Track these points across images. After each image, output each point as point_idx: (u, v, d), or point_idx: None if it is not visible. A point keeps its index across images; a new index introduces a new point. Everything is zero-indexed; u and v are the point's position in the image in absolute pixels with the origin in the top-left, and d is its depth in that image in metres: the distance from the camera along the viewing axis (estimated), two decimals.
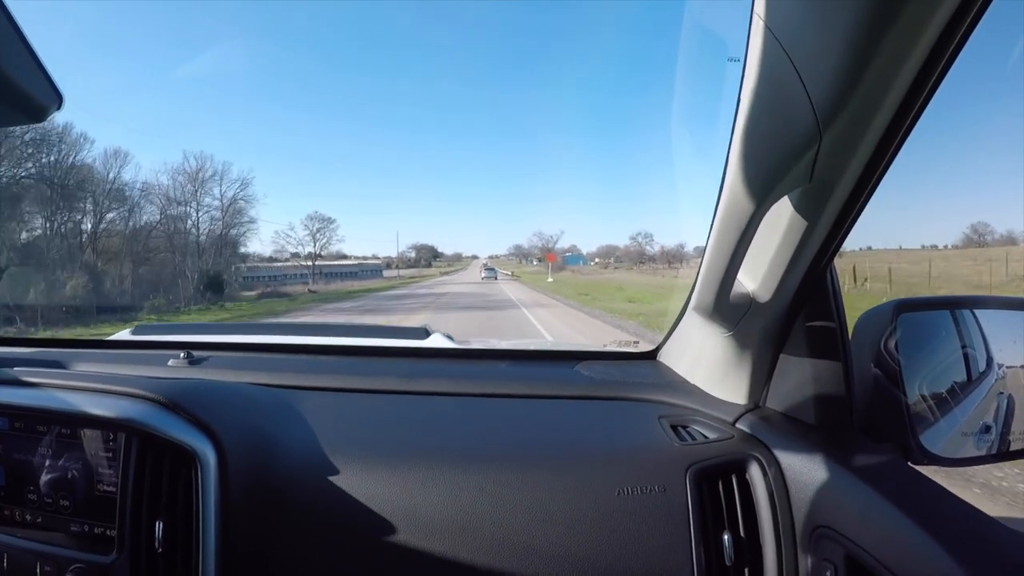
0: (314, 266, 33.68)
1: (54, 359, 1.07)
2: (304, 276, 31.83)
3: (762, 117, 0.50)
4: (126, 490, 0.70)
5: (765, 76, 0.48)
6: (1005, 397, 0.80)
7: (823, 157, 0.50)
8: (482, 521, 0.69)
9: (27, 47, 0.42)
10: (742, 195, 0.55)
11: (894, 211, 18.72)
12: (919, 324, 0.78)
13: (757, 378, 0.80)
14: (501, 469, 0.72)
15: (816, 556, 0.64)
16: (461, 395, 0.96)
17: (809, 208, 0.59)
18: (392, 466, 0.74)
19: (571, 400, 0.94)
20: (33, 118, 0.46)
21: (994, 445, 0.76)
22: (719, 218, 0.62)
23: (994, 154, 21.35)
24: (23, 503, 0.74)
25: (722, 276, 0.65)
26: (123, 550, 0.69)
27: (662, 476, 0.70)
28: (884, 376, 0.70)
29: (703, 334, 0.87)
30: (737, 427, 0.78)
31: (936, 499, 0.58)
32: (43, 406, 0.75)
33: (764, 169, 0.53)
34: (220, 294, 20.20)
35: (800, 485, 0.67)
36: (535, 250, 64.20)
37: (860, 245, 14.26)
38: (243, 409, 0.82)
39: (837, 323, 0.71)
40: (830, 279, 0.71)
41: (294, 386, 0.96)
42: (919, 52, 0.43)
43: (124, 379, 0.80)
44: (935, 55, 0.44)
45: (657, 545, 0.67)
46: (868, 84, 0.44)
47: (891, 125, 0.49)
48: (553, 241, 58.85)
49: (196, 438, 0.71)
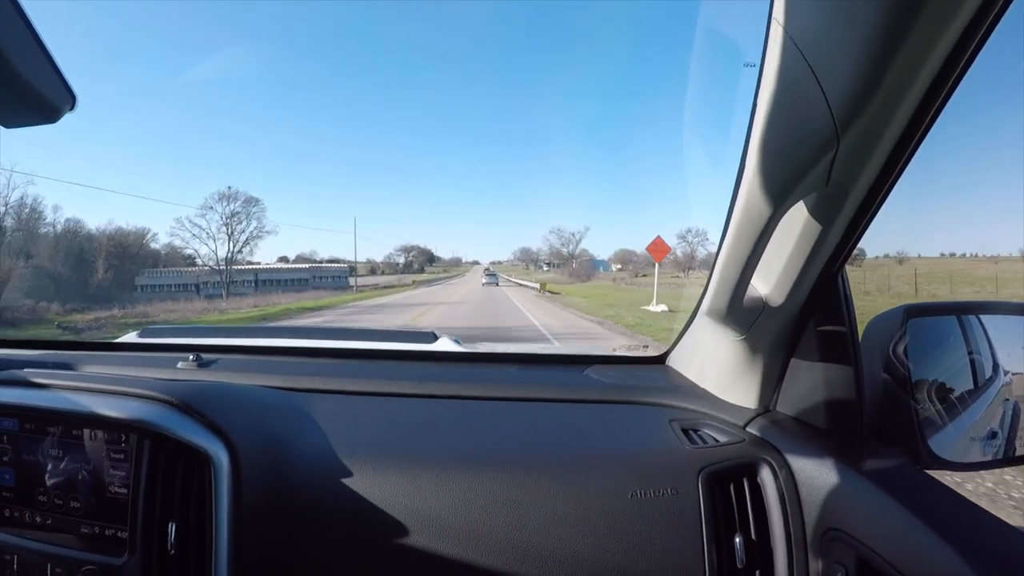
0: (227, 271, 24.64)
1: (62, 361, 1.07)
2: (218, 286, 23.17)
3: (780, 122, 0.51)
4: (138, 492, 0.70)
5: (783, 81, 0.48)
6: (1011, 403, 0.80)
7: (840, 162, 0.51)
8: (495, 524, 0.69)
9: (43, 48, 0.42)
10: (759, 200, 0.55)
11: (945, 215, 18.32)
12: (927, 329, 0.79)
13: (768, 382, 0.80)
14: (513, 472, 0.72)
15: (827, 559, 0.64)
16: (471, 398, 0.96)
17: (824, 212, 0.59)
18: (404, 469, 0.74)
19: (581, 404, 0.94)
20: (47, 118, 0.46)
21: (1000, 450, 0.77)
22: (735, 223, 0.62)
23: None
24: (33, 504, 0.74)
25: (736, 280, 0.66)
26: (135, 552, 0.68)
27: (674, 479, 0.70)
28: (893, 381, 0.71)
29: (714, 338, 0.88)
30: (748, 431, 0.78)
31: (947, 502, 0.59)
32: (53, 407, 0.75)
33: (781, 174, 0.53)
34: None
35: (811, 488, 0.67)
36: (543, 254, 55.38)
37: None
38: (255, 411, 0.82)
39: (848, 328, 0.71)
40: (841, 283, 0.71)
41: (304, 389, 0.96)
42: (936, 57, 0.43)
43: (135, 380, 0.80)
44: (952, 60, 0.44)
45: (669, 547, 0.67)
46: (886, 89, 0.44)
47: (907, 130, 0.50)
48: (575, 241, 50.09)
49: (209, 440, 0.70)
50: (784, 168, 0.53)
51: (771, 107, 0.50)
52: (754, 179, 0.55)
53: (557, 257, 52.54)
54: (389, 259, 68.37)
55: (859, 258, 14.26)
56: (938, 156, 11.78)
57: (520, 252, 72.80)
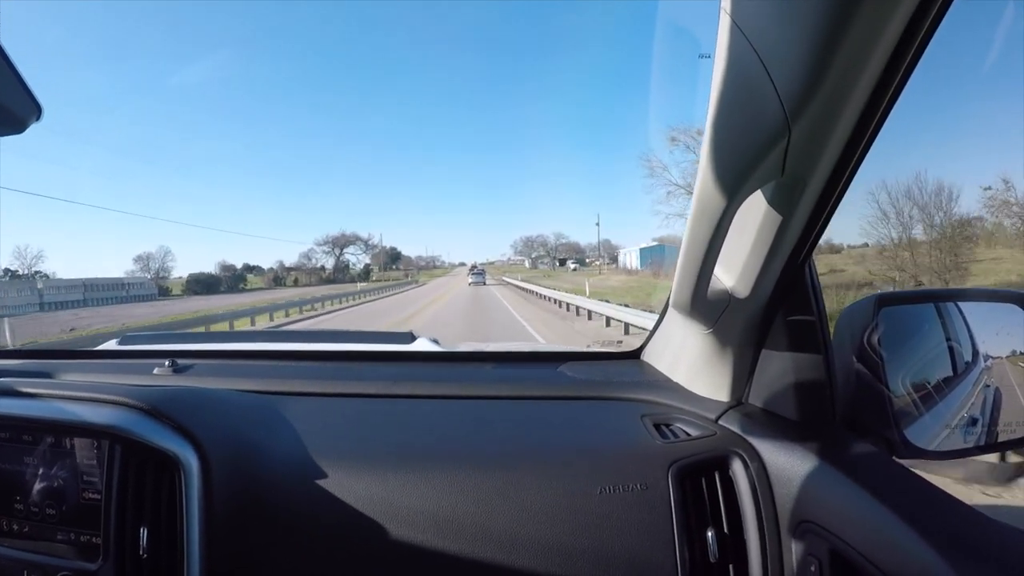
0: None
1: (40, 370, 1.07)
2: None
3: (732, 111, 0.50)
4: (110, 497, 0.70)
5: (733, 70, 0.47)
6: (992, 389, 0.80)
7: (794, 151, 0.50)
8: (465, 521, 0.69)
9: (6, 60, 0.42)
10: (714, 190, 0.55)
11: None
12: (903, 318, 0.78)
13: (739, 375, 0.80)
14: (485, 470, 0.72)
15: (801, 551, 0.64)
16: (446, 397, 0.96)
17: (783, 203, 0.59)
18: (376, 469, 0.74)
19: (554, 401, 0.94)
20: (13, 129, 0.46)
21: (981, 437, 0.76)
22: (693, 214, 0.61)
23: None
24: (10, 513, 0.74)
25: (698, 273, 0.65)
26: (108, 557, 0.69)
27: (643, 474, 0.70)
28: (867, 371, 0.70)
29: (683, 332, 0.87)
30: (720, 424, 0.78)
31: (919, 492, 0.58)
32: (27, 415, 0.75)
33: (735, 163, 0.53)
34: None
35: (783, 481, 0.67)
36: (561, 247, 42.89)
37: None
38: (226, 415, 0.82)
39: (817, 318, 0.71)
40: (809, 274, 0.71)
41: (279, 392, 0.96)
42: (885, 44, 0.43)
43: (107, 387, 0.80)
44: (901, 48, 0.44)
45: (640, 542, 0.67)
46: (835, 76, 0.44)
47: (861, 119, 0.49)
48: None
49: (179, 444, 0.71)
50: (737, 158, 0.52)
51: (723, 96, 0.49)
52: (709, 168, 0.54)
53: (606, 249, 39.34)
54: (309, 259, 46.59)
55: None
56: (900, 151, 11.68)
57: (522, 243, 55.77)
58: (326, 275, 44.30)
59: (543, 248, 52.43)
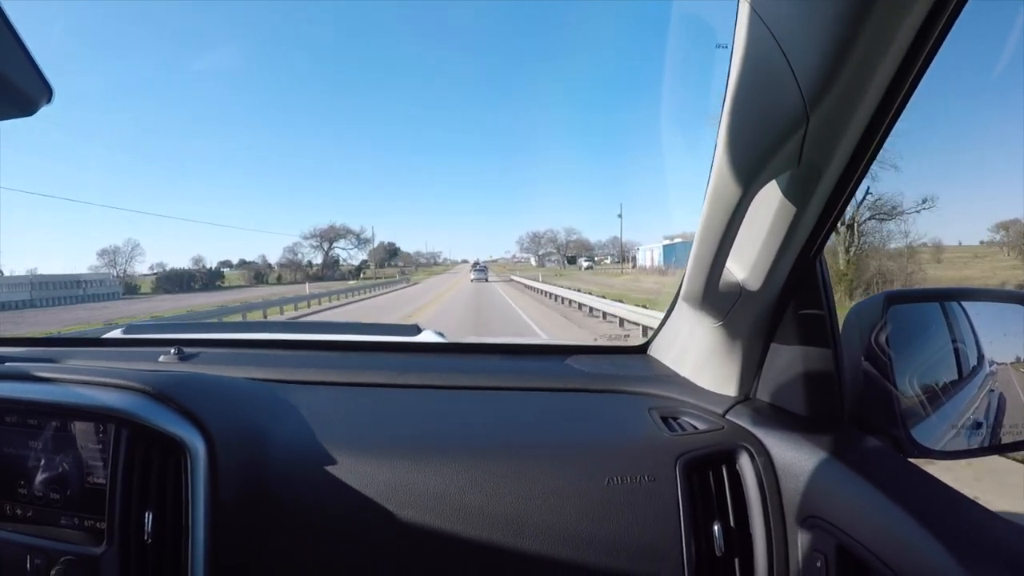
0: None
1: (46, 356, 1.07)
2: None
3: (749, 100, 0.50)
4: (115, 482, 0.70)
5: (751, 58, 0.48)
6: (996, 394, 0.80)
7: (811, 140, 0.50)
8: (472, 508, 0.69)
9: (18, 41, 0.42)
10: (730, 180, 0.55)
11: None
12: (910, 317, 0.78)
13: (747, 369, 0.80)
14: (492, 460, 0.72)
15: (807, 546, 0.64)
16: (452, 388, 0.96)
17: (798, 194, 0.59)
18: (383, 456, 0.74)
19: (561, 392, 0.94)
20: (23, 111, 0.46)
21: (986, 439, 0.77)
22: (707, 205, 0.61)
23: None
24: (14, 497, 0.74)
25: (711, 264, 0.65)
26: (112, 542, 0.69)
27: (651, 466, 0.70)
28: (875, 369, 0.70)
29: (693, 325, 0.87)
30: (727, 418, 0.78)
31: (927, 489, 0.58)
32: (33, 399, 0.75)
33: (751, 152, 0.53)
34: None
35: (790, 475, 0.67)
36: (570, 244, 37.74)
37: None
38: (233, 401, 0.82)
39: (827, 314, 0.71)
40: (820, 269, 0.71)
41: (286, 380, 0.96)
42: (905, 33, 0.43)
43: (114, 372, 0.80)
44: (921, 38, 0.44)
45: (647, 534, 0.67)
46: (854, 65, 0.44)
47: (879, 109, 0.49)
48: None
49: (185, 429, 0.70)
50: (754, 147, 0.53)
51: (740, 86, 0.50)
52: (725, 158, 0.54)
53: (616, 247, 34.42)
54: (294, 254, 41.26)
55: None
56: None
57: (528, 239, 49.44)
58: (313, 271, 40.15)
59: (552, 244, 47.87)
